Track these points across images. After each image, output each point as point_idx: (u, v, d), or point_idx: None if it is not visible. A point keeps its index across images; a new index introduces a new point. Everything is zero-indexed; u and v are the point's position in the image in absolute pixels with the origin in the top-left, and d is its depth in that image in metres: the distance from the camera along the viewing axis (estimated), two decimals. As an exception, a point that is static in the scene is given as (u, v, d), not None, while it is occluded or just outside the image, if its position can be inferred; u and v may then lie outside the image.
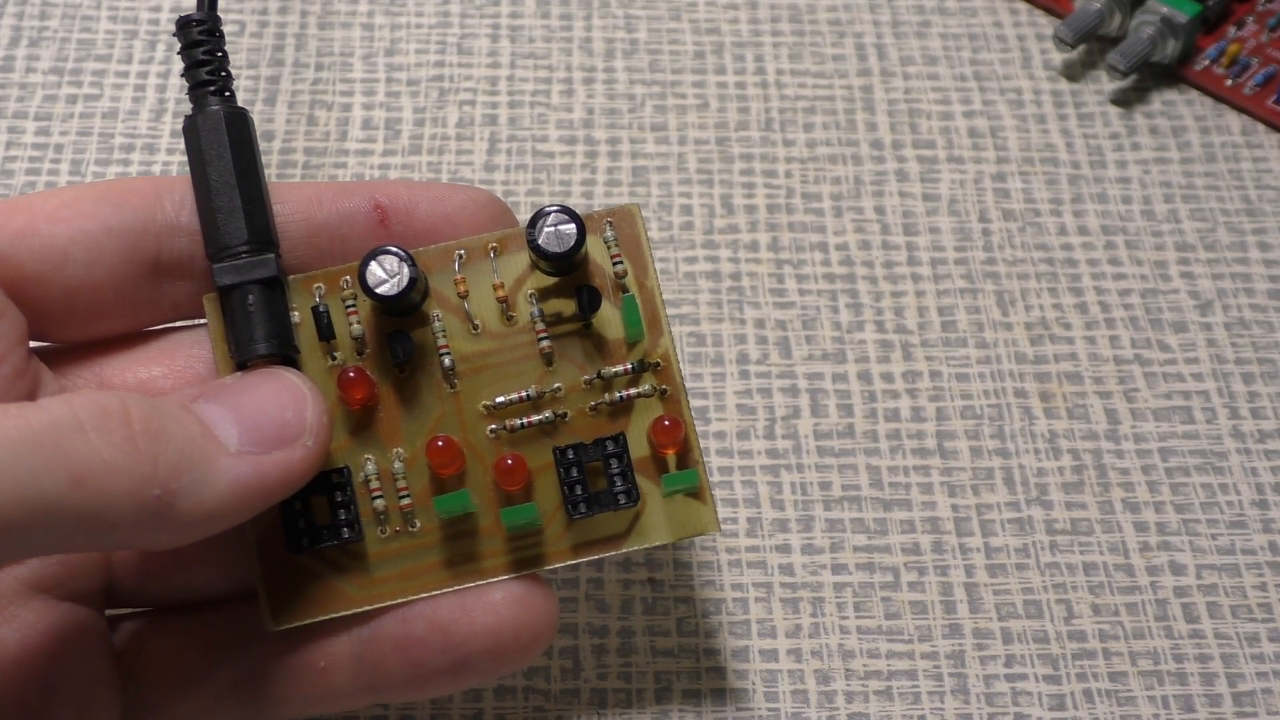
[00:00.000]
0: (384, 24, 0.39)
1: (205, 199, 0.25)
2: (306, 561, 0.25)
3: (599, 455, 0.26)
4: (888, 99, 0.38)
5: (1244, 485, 0.32)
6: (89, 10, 0.39)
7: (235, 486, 0.23)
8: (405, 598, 0.25)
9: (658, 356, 0.26)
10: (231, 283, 0.25)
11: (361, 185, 0.26)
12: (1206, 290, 0.35)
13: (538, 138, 0.37)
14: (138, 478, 0.21)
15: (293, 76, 0.38)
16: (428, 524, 0.26)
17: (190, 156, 0.26)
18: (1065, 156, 0.37)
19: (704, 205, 0.36)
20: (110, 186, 0.26)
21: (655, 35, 0.40)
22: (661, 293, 0.26)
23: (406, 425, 0.26)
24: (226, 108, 0.26)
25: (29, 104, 0.37)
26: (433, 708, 0.28)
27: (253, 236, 0.25)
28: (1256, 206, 0.37)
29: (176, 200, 0.26)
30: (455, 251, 0.26)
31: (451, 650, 0.25)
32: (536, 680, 0.29)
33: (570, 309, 0.26)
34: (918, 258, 0.35)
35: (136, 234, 0.25)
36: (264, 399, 0.24)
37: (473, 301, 0.26)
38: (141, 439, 0.22)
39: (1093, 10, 0.39)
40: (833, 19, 0.40)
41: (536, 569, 0.26)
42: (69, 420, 0.21)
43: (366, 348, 0.26)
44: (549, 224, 0.25)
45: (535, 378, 0.26)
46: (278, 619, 0.25)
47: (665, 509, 0.26)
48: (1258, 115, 0.38)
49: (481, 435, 0.26)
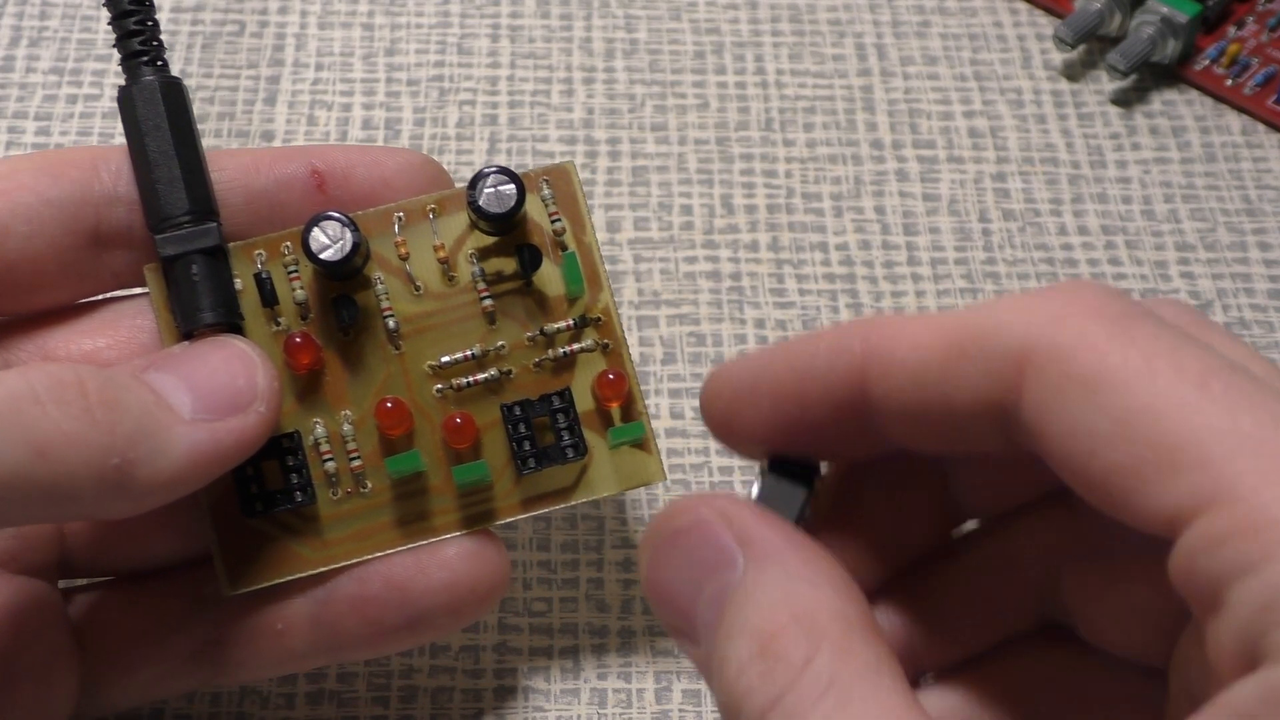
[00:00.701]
0: (384, 24, 0.39)
1: (144, 170, 0.25)
2: (260, 526, 0.26)
3: (546, 411, 0.26)
4: (888, 99, 0.38)
5: (1244, 485, 0.32)
6: (89, 10, 0.39)
7: (192, 453, 0.23)
8: (359, 558, 0.26)
9: (598, 311, 0.27)
10: (175, 253, 0.25)
11: (298, 150, 0.27)
12: (1206, 290, 0.35)
13: (538, 138, 0.37)
14: (97, 448, 0.22)
15: (293, 76, 0.38)
16: (379, 484, 0.26)
17: (126, 128, 0.26)
18: (1065, 156, 0.37)
19: (704, 205, 0.36)
20: (46, 157, 0.26)
21: (655, 35, 0.40)
22: (600, 248, 0.27)
23: (353, 388, 0.26)
24: (161, 77, 0.26)
25: (29, 104, 0.37)
26: (433, 708, 0.28)
27: (194, 206, 0.25)
28: (1256, 206, 0.37)
29: (113, 170, 0.26)
30: (395, 214, 0.26)
31: (409, 606, 0.26)
32: (536, 680, 0.29)
33: (511, 267, 0.26)
34: (918, 258, 0.35)
35: (75, 205, 0.25)
36: (214, 367, 0.24)
37: (414, 263, 0.26)
38: (98, 410, 0.22)
39: (1093, 10, 0.39)
40: (833, 19, 0.40)
41: (488, 524, 0.26)
42: (26, 393, 0.21)
43: (310, 313, 0.26)
44: (489, 184, 0.25)
45: (479, 336, 0.26)
46: (234, 583, 0.26)
47: (612, 461, 0.27)
48: (1258, 115, 0.38)
49: (428, 395, 0.26)
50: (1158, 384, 0.17)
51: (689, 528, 0.20)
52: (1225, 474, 0.16)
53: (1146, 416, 0.17)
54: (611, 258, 0.35)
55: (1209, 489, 0.16)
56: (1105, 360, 0.17)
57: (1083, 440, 0.17)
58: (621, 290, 0.34)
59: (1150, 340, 0.17)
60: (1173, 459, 0.17)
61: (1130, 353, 0.17)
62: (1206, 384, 0.17)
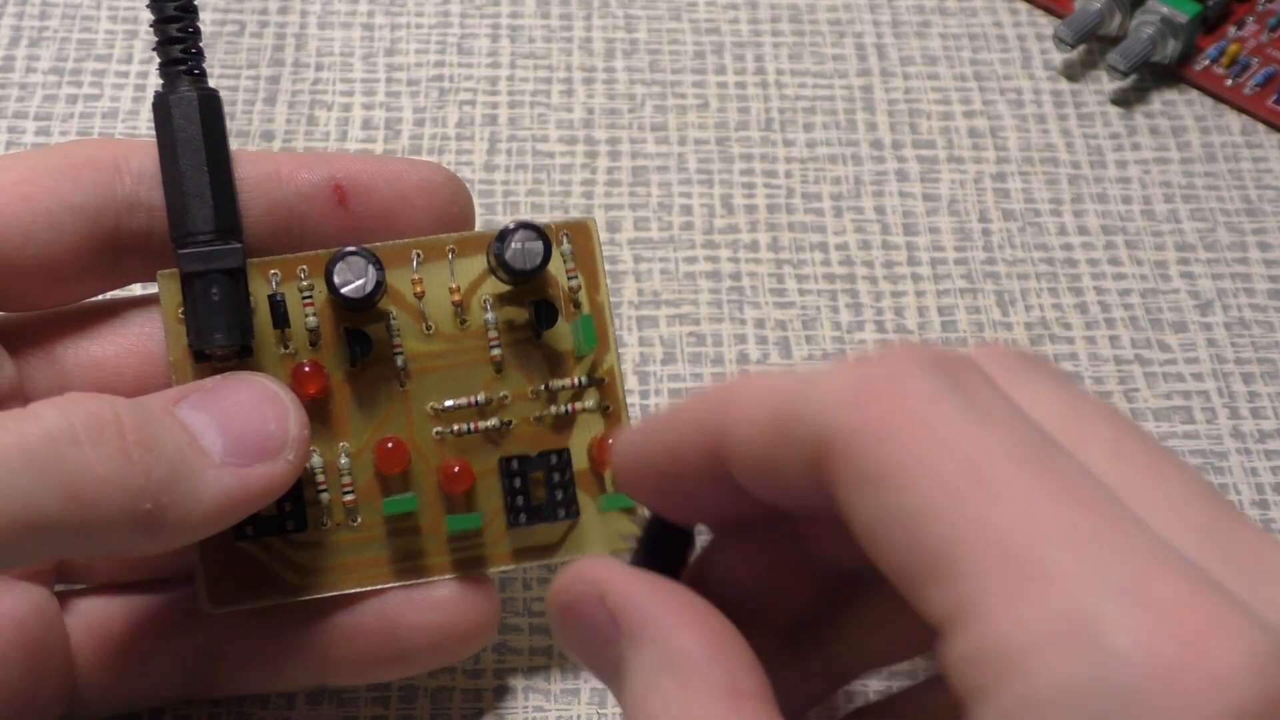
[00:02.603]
0: (384, 24, 0.39)
1: (174, 181, 0.25)
2: (248, 547, 0.26)
3: (542, 467, 0.27)
4: (888, 99, 0.38)
5: (1244, 485, 0.32)
6: (89, 10, 0.39)
7: (220, 499, 0.23)
8: (343, 589, 0.26)
9: (603, 372, 0.27)
10: (196, 271, 0.25)
11: (319, 159, 0.26)
12: (1206, 290, 0.35)
13: (538, 138, 0.37)
14: (131, 491, 0.22)
15: (293, 76, 0.38)
16: (369, 519, 0.26)
17: (159, 134, 0.25)
18: (1065, 156, 0.37)
19: (704, 205, 0.36)
20: (67, 158, 0.25)
21: (655, 35, 0.40)
22: (611, 308, 0.27)
23: (354, 419, 0.26)
24: (200, 91, 0.26)
25: (29, 104, 0.37)
26: (433, 708, 0.28)
27: (220, 225, 0.25)
28: (1256, 206, 0.37)
29: (135, 172, 0.25)
30: (414, 251, 0.26)
31: (399, 642, 0.26)
32: (536, 680, 0.29)
33: (523, 317, 0.27)
34: (918, 258, 0.35)
35: (96, 210, 0.25)
36: (248, 409, 0.24)
37: (428, 302, 0.26)
38: (135, 451, 0.22)
39: (1093, 10, 0.39)
40: (833, 19, 0.40)
41: (478, 570, 0.26)
42: (65, 433, 0.21)
43: (320, 340, 0.26)
44: (516, 239, 0.26)
45: (484, 383, 0.26)
46: (214, 602, 0.26)
47: (600, 522, 0.27)
48: (1258, 115, 0.38)
49: (427, 436, 0.26)
50: (938, 478, 0.16)
51: (571, 604, 0.21)
52: (975, 589, 0.16)
53: (921, 520, 0.16)
54: (612, 257, 0.35)
55: (964, 602, 0.16)
56: (890, 454, 0.17)
57: (873, 534, 0.17)
58: (621, 290, 0.34)
59: (944, 423, 0.17)
60: (936, 568, 0.16)
61: (916, 444, 0.17)
62: (981, 477, 0.16)
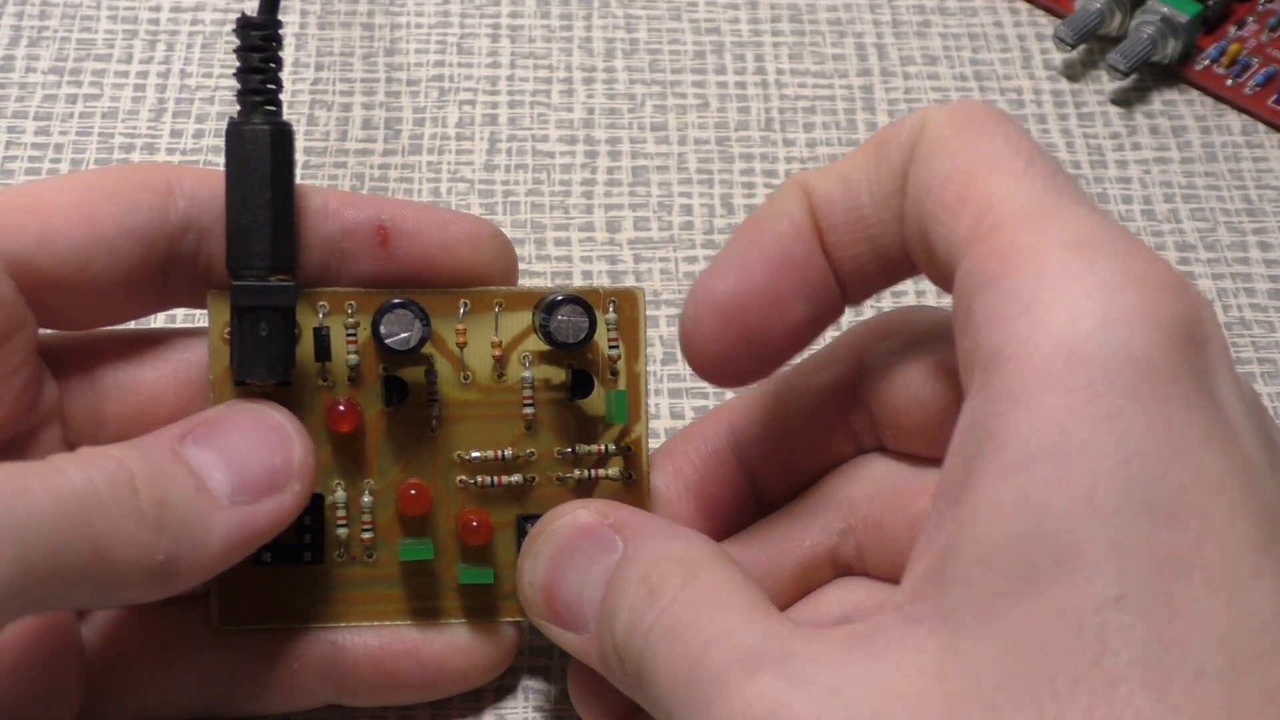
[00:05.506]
0: (384, 24, 0.39)
1: (237, 212, 0.25)
2: (263, 572, 0.26)
3: None
4: (888, 99, 0.38)
5: (1244, 485, 0.32)
6: (89, 10, 0.39)
7: (229, 541, 0.23)
8: (351, 622, 0.27)
9: (630, 441, 0.27)
10: (248, 305, 0.25)
11: (368, 199, 0.26)
12: (1207, 290, 0.35)
13: (538, 137, 0.37)
14: (146, 546, 0.22)
15: (293, 76, 0.38)
16: (384, 557, 0.27)
17: (229, 162, 0.25)
18: (1065, 156, 0.37)
19: (704, 205, 0.36)
20: (123, 179, 0.25)
21: (655, 35, 0.40)
22: (647, 380, 0.27)
23: (382, 458, 0.26)
24: (274, 126, 0.25)
25: (29, 104, 0.37)
26: (433, 709, 0.28)
27: (275, 262, 0.25)
28: (1257, 206, 0.37)
29: (188, 195, 0.25)
30: (461, 300, 0.26)
31: (422, 670, 0.27)
32: (536, 680, 0.29)
33: (559, 377, 0.27)
34: (918, 258, 0.35)
35: (150, 234, 0.25)
36: (252, 443, 0.24)
37: (469, 352, 0.27)
38: (149, 508, 0.22)
39: (1093, 10, 0.39)
40: (833, 19, 0.40)
41: (489, 619, 0.27)
42: (92, 493, 0.22)
43: (360, 376, 0.26)
44: (563, 313, 0.26)
45: (512, 439, 0.27)
46: (224, 619, 0.26)
47: None
48: (1258, 115, 0.38)
49: (451, 483, 0.27)
50: (981, 153, 0.21)
51: (577, 530, 0.24)
52: (999, 216, 0.20)
53: (961, 175, 0.21)
54: (611, 257, 0.35)
55: (985, 225, 0.20)
56: (946, 131, 0.22)
57: (918, 194, 0.22)
58: (621, 290, 0.34)
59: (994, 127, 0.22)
60: (963, 200, 0.21)
61: (969, 130, 0.22)
62: (1030, 163, 0.21)
